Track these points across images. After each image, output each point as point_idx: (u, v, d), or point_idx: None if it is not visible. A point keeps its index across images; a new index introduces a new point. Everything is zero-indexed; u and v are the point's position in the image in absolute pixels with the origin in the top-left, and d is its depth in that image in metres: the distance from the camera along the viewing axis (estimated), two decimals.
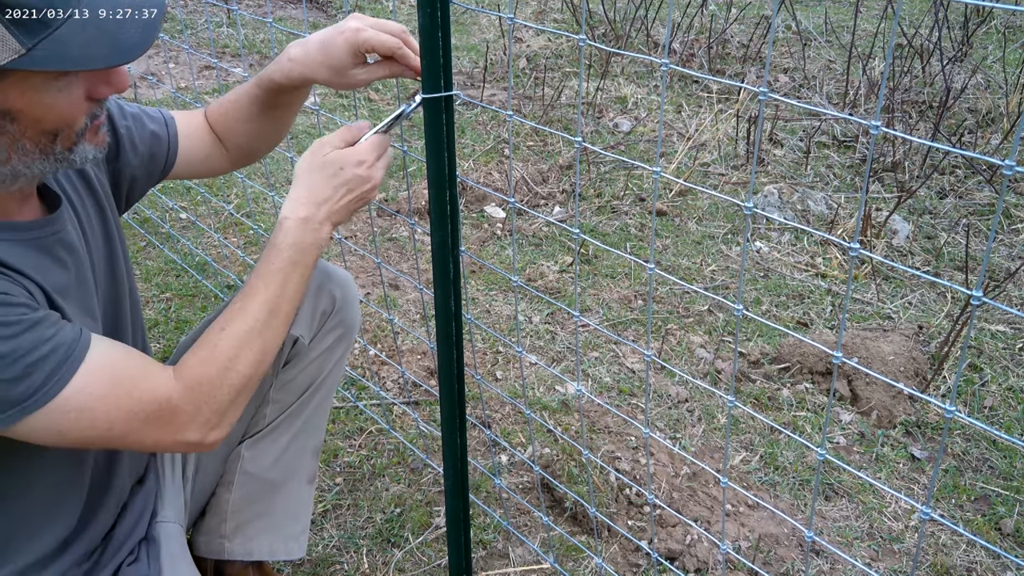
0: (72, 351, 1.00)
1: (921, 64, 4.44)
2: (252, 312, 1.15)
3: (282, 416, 1.55)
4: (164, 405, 1.07)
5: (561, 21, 5.74)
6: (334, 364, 1.58)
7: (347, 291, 1.57)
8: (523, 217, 3.32)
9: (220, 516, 1.54)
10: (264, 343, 1.16)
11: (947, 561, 1.89)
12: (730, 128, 3.99)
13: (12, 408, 0.96)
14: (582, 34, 1.02)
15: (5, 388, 0.95)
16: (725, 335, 2.65)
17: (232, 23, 5.46)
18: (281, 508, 1.58)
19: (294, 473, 1.59)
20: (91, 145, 1.07)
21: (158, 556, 1.31)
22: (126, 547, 1.29)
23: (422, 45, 1.18)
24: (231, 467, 1.54)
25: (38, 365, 0.96)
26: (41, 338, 0.97)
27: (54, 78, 0.97)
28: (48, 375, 0.97)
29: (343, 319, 1.56)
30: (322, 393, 1.59)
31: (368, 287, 2.89)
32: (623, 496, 2.01)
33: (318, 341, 1.54)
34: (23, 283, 1.02)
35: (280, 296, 1.17)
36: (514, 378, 2.44)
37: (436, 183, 1.28)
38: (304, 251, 1.18)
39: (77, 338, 1.01)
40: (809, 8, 5.89)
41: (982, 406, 2.35)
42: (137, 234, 3.16)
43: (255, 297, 1.16)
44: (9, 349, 0.94)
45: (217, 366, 1.11)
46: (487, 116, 4.19)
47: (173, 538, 1.36)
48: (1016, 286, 2.90)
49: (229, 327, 1.13)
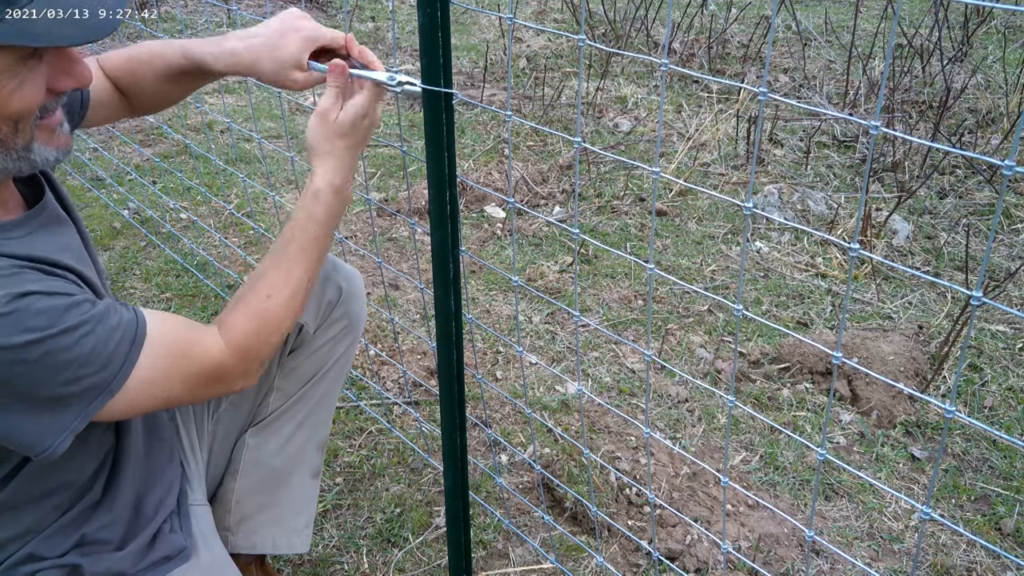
0: (136, 332, 1.06)
1: (921, 64, 4.44)
2: (295, 279, 1.22)
3: (286, 404, 1.56)
4: (218, 368, 1.16)
5: (561, 21, 5.74)
6: (340, 355, 1.60)
7: (353, 284, 1.59)
8: (523, 217, 3.32)
9: (225, 506, 1.55)
10: (301, 305, 1.25)
11: (947, 561, 1.89)
12: (730, 128, 3.99)
13: (101, 394, 1.03)
14: (582, 34, 1.02)
15: (93, 379, 1.02)
16: (725, 335, 2.65)
17: (232, 23, 5.46)
18: (285, 501, 1.59)
19: (298, 465, 1.59)
20: (51, 147, 1.07)
21: (191, 532, 1.35)
22: (159, 516, 1.31)
23: (422, 45, 1.18)
24: (236, 455, 1.56)
25: (115, 352, 1.03)
26: (111, 327, 1.03)
27: (21, 59, 0.97)
28: (124, 359, 1.05)
29: (348, 311, 1.58)
30: (327, 383, 1.60)
31: (368, 287, 2.89)
32: (623, 496, 2.01)
33: (323, 330, 1.56)
34: (65, 275, 1.06)
35: (318, 262, 1.26)
36: (514, 378, 2.44)
37: (436, 183, 1.29)
38: (337, 216, 1.27)
39: (135, 319, 1.07)
40: (809, 8, 5.89)
41: (982, 406, 2.35)
42: (137, 233, 3.16)
43: (298, 265, 1.23)
44: (91, 346, 1.00)
45: (266, 333, 1.20)
46: (487, 116, 4.19)
47: (205, 518, 1.40)
48: (1016, 286, 2.90)
49: (276, 296, 1.21)
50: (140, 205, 3.29)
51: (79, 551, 1.20)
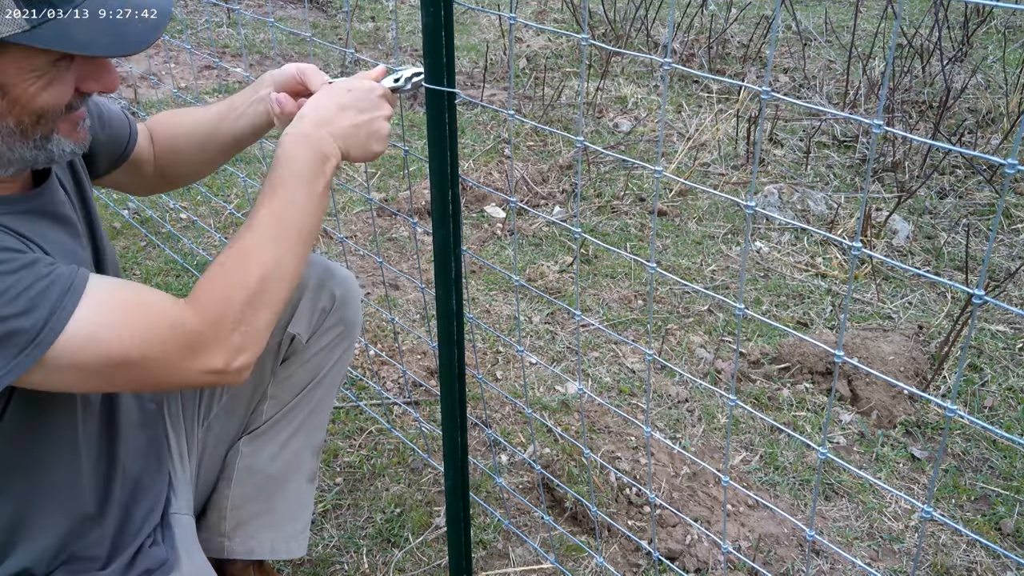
0: (71, 282, 0.99)
1: (921, 64, 4.44)
2: (257, 225, 1.12)
3: (281, 412, 1.55)
4: (178, 329, 1.04)
5: (561, 21, 5.74)
6: (335, 362, 1.58)
7: (348, 290, 1.57)
8: (523, 217, 3.32)
9: (220, 513, 1.54)
10: (277, 256, 1.12)
11: (947, 561, 1.89)
12: (730, 128, 3.99)
13: (28, 346, 0.96)
14: (584, 33, 1.02)
15: (14, 323, 0.95)
16: (725, 335, 2.65)
17: (232, 23, 5.46)
18: (281, 506, 1.58)
19: (294, 471, 1.58)
20: (70, 140, 1.08)
21: (174, 544, 1.32)
22: (145, 529, 1.30)
23: (425, 44, 1.18)
24: (230, 462, 1.54)
25: (40, 298, 0.96)
26: (38, 274, 0.97)
27: (53, 61, 0.98)
28: (54, 306, 0.97)
29: (343, 317, 1.56)
30: (322, 390, 1.58)
31: (369, 287, 2.89)
32: (623, 496, 2.01)
33: (317, 338, 1.54)
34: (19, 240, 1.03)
35: (288, 207, 1.14)
36: (514, 378, 2.44)
37: (438, 182, 1.29)
38: (307, 163, 1.16)
39: (74, 272, 1.01)
40: (809, 8, 5.89)
41: (982, 406, 2.35)
42: (137, 234, 3.16)
43: (258, 212, 1.13)
44: (7, 285, 0.95)
45: (226, 281, 1.08)
46: (487, 116, 4.19)
47: (188, 529, 1.37)
48: (1016, 286, 2.90)
49: (236, 243, 1.11)
50: (140, 205, 3.29)
51: (66, 568, 1.19)
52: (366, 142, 1.24)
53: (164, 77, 4.56)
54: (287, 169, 1.16)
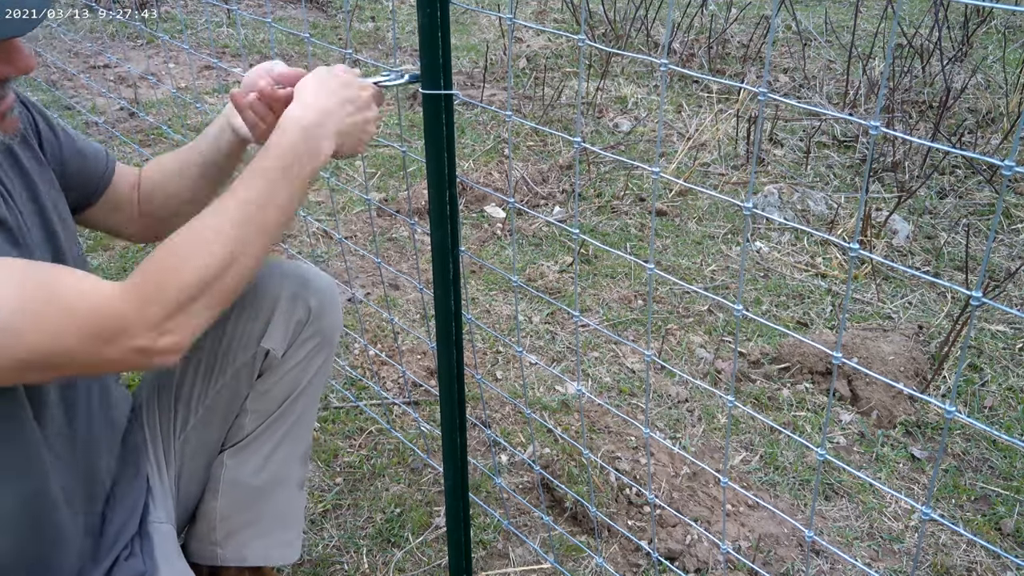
0: None
1: (921, 64, 4.44)
2: (225, 210, 1.05)
3: (263, 425, 1.51)
4: (101, 306, 0.96)
5: (561, 21, 5.74)
6: (314, 373, 1.53)
7: (324, 299, 1.50)
8: (523, 217, 3.32)
9: (209, 523, 1.51)
10: (235, 249, 1.03)
11: (947, 561, 1.89)
12: (730, 128, 3.99)
13: None
14: (582, 34, 1.02)
15: None
16: (725, 335, 2.65)
17: (232, 23, 5.46)
18: (271, 517, 1.55)
19: (282, 480, 1.55)
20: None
21: (152, 553, 1.29)
22: (120, 541, 1.27)
23: (422, 45, 1.18)
24: (215, 475, 1.50)
25: None
26: None
27: None
28: None
29: (320, 328, 1.50)
30: (304, 401, 1.54)
31: (368, 287, 2.89)
32: (623, 496, 2.01)
33: (294, 351, 1.49)
34: None
35: (265, 199, 1.07)
36: (514, 378, 2.44)
37: (436, 183, 1.29)
38: (299, 157, 1.12)
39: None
40: (809, 8, 5.89)
41: (982, 406, 2.35)
42: None
43: (232, 196, 1.06)
44: None
45: (172, 259, 1.01)
46: (487, 116, 4.19)
47: (167, 538, 1.34)
48: (1016, 286, 2.90)
49: (196, 223, 1.03)
50: None
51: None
52: (356, 143, 1.23)
53: (164, 77, 4.56)
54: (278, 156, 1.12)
